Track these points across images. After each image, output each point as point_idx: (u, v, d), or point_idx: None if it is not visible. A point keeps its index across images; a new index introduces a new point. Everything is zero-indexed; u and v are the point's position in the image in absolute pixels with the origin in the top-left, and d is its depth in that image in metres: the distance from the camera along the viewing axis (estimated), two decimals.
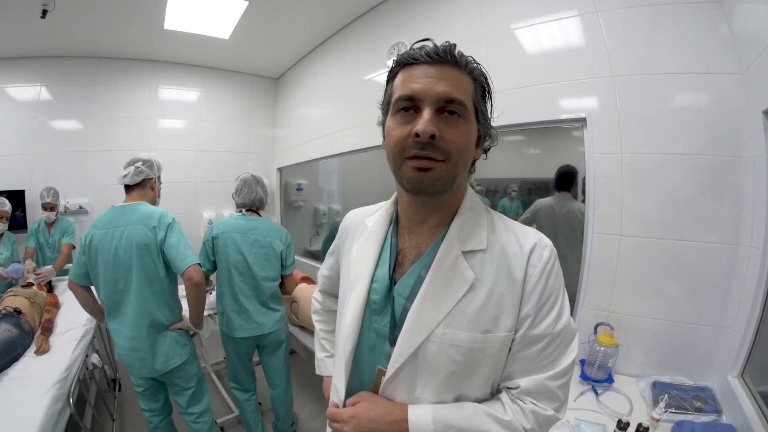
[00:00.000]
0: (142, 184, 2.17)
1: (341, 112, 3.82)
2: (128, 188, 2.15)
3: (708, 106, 1.74)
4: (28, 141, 4.06)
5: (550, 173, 2.30)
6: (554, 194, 2.31)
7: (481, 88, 0.83)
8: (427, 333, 0.79)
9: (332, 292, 1.21)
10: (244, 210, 2.60)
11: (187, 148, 4.83)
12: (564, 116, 2.11)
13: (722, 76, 1.69)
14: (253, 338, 2.54)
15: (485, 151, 0.89)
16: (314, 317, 1.32)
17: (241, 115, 5.20)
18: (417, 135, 0.74)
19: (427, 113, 0.74)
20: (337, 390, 0.92)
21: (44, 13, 2.91)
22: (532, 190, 2.47)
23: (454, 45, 0.78)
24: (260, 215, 2.66)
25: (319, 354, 1.27)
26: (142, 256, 2.02)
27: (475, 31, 2.44)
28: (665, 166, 1.82)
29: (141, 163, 2.16)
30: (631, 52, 1.89)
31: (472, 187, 0.93)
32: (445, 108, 0.76)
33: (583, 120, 2.01)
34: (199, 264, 2.10)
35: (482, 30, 2.41)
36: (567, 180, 2.20)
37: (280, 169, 5.29)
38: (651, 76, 1.83)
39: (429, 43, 0.79)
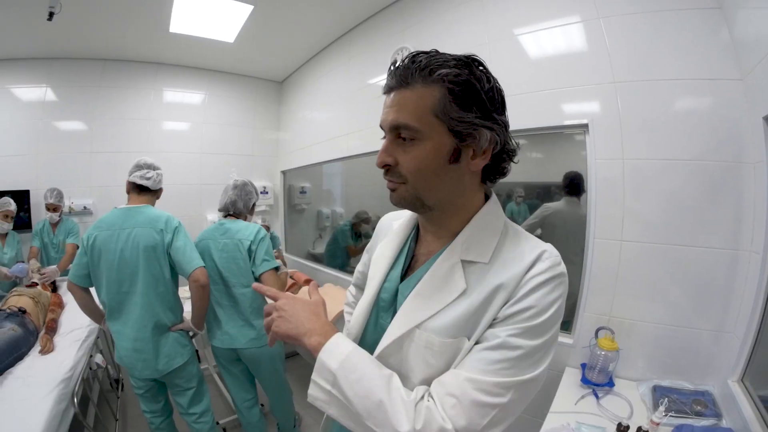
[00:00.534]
0: (155, 190, 2.23)
1: (345, 116, 3.84)
2: (138, 191, 2.17)
3: (709, 111, 1.75)
4: (33, 142, 4.08)
5: (552, 177, 2.31)
6: (563, 199, 2.31)
7: (462, 88, 0.72)
8: (405, 329, 0.80)
9: (363, 287, 1.23)
10: (222, 215, 2.53)
11: (191, 151, 4.85)
12: (566, 122, 2.12)
13: (723, 81, 1.70)
14: (228, 350, 2.42)
15: (507, 155, 0.82)
16: (345, 309, 1.36)
17: (245, 118, 5.22)
18: None
19: (383, 144, 0.80)
20: None
21: (51, 15, 2.92)
22: (541, 194, 2.47)
23: (412, 59, 0.75)
24: (239, 218, 2.52)
25: None
26: (149, 258, 2.05)
27: (479, 37, 2.46)
28: (666, 171, 1.83)
29: (160, 170, 2.22)
30: (633, 58, 1.90)
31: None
32: (398, 134, 0.77)
33: (585, 126, 2.02)
34: (204, 267, 2.13)
35: (486, 35, 2.43)
36: (576, 185, 2.19)
37: (283, 172, 5.31)
38: (652, 82, 1.84)
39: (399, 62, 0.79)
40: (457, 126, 0.73)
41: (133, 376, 2.20)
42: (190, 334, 2.34)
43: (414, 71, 0.74)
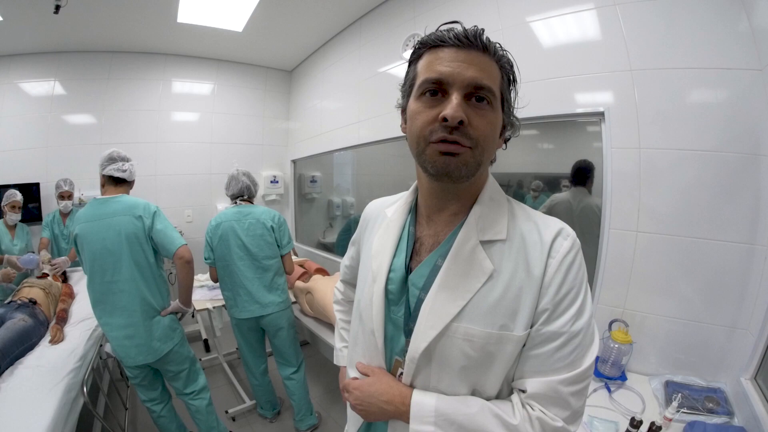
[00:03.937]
0: (130, 182, 2.29)
1: (355, 104, 3.81)
2: (114, 183, 2.22)
3: (726, 102, 1.70)
4: (43, 135, 4.10)
5: (563, 168, 2.27)
6: (570, 189, 2.27)
7: (507, 76, 0.80)
8: (442, 326, 0.77)
9: (353, 282, 1.17)
10: (238, 200, 2.79)
11: (201, 141, 4.84)
12: (581, 110, 2.07)
13: (742, 71, 1.64)
14: (253, 319, 2.73)
15: (506, 141, 0.86)
16: (335, 307, 1.32)
17: (254, 107, 5.20)
18: (445, 119, 0.71)
19: (455, 98, 0.72)
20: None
21: (57, 8, 2.92)
22: (556, 184, 2.43)
23: (483, 30, 0.74)
24: (252, 203, 2.85)
25: (337, 344, 1.26)
26: (132, 245, 2.10)
27: (492, 24, 2.41)
28: (682, 162, 1.79)
29: (133, 161, 2.29)
30: (650, 45, 1.84)
31: None
32: (474, 94, 0.73)
33: (601, 114, 1.97)
34: (186, 244, 2.21)
35: (499, 22, 2.38)
36: (583, 175, 2.16)
37: (293, 161, 5.30)
38: (669, 71, 1.79)
39: (457, 26, 0.76)
40: (505, 104, 0.80)
41: (127, 366, 2.24)
42: (178, 315, 2.40)
43: (488, 42, 0.76)
